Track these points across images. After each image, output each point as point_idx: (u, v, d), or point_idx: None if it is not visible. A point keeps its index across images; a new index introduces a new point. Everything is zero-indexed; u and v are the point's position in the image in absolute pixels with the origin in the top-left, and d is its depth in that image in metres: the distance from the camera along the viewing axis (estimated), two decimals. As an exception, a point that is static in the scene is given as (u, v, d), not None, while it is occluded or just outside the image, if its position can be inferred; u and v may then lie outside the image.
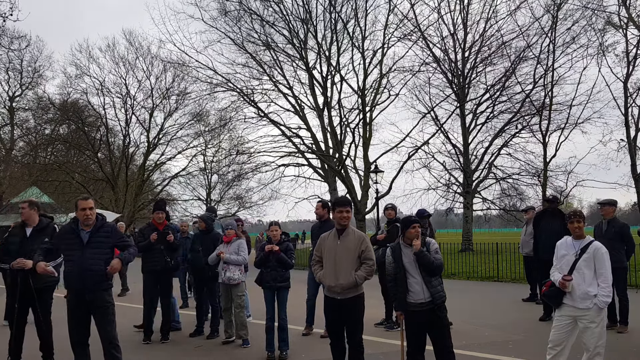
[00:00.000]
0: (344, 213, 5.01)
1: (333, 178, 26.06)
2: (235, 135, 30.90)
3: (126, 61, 33.74)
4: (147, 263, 7.34)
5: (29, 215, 5.74)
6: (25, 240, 5.68)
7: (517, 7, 23.50)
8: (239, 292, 7.00)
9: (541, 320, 8.22)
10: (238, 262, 7.00)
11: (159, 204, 7.79)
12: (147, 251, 7.30)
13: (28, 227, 5.77)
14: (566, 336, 4.61)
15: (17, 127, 35.44)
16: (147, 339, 7.19)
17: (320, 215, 7.49)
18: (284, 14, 25.36)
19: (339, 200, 5.19)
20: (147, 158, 34.87)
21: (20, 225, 5.84)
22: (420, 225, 4.91)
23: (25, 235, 5.72)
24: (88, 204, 4.89)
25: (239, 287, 7.01)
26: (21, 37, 32.85)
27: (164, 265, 7.30)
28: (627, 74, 22.19)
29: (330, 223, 7.43)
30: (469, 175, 25.34)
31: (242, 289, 7.07)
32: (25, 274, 5.46)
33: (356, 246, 4.90)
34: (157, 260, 7.28)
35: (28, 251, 5.50)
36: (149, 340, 7.19)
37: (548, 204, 8.63)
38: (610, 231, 7.39)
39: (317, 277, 5.12)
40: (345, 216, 5.02)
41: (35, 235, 5.69)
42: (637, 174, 22.34)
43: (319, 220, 7.51)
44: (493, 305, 10.03)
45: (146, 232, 7.42)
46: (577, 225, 4.63)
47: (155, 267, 7.28)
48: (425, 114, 25.23)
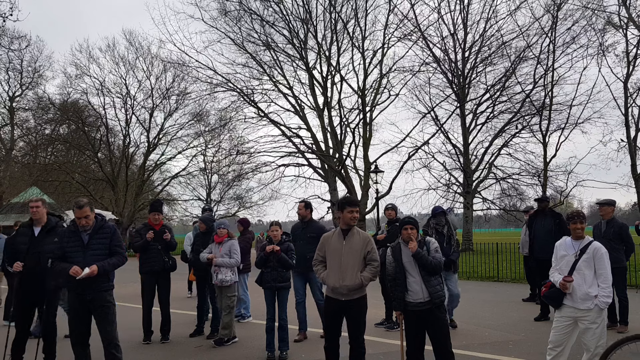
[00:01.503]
0: (354, 213, 5.01)
1: (333, 178, 26.07)
2: (235, 135, 30.93)
3: (126, 61, 33.81)
4: (145, 264, 7.31)
5: (42, 213, 5.66)
6: (34, 239, 5.59)
7: (517, 7, 23.53)
8: (230, 293, 6.98)
9: (536, 320, 8.24)
10: (231, 264, 6.96)
11: (155, 205, 7.75)
12: (144, 251, 7.27)
13: (36, 226, 5.67)
14: (566, 337, 4.61)
15: (17, 127, 35.45)
16: (147, 339, 7.19)
17: (303, 215, 7.29)
18: (284, 14, 25.38)
19: (350, 200, 5.15)
20: (147, 158, 34.87)
21: (28, 225, 5.74)
22: (414, 227, 4.88)
23: (33, 234, 5.63)
24: (83, 213, 4.83)
25: (230, 288, 7.00)
26: (21, 37, 32.94)
27: (162, 265, 7.29)
28: (627, 74, 22.20)
29: (313, 224, 7.31)
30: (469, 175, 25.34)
31: (233, 290, 7.06)
32: (41, 276, 5.38)
33: (362, 247, 4.88)
34: (155, 260, 7.26)
35: (37, 251, 5.43)
36: (149, 341, 7.19)
37: (538, 203, 8.72)
38: (609, 231, 7.41)
39: (320, 278, 5.11)
40: (355, 216, 5.02)
41: (44, 235, 5.61)
42: (637, 174, 22.34)
43: (301, 221, 7.30)
44: (493, 305, 10.03)
45: (142, 232, 7.39)
46: (578, 226, 4.63)
47: (154, 267, 7.26)
48: (425, 114, 25.24)
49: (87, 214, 4.85)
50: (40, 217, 5.66)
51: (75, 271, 4.67)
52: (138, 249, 7.25)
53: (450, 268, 7.40)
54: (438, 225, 7.56)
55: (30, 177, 30.65)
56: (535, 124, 24.49)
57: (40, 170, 32.01)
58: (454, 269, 7.55)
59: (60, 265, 4.86)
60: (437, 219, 7.58)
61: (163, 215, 7.90)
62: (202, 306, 7.85)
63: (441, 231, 7.52)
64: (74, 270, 4.66)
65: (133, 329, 7.89)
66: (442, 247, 7.05)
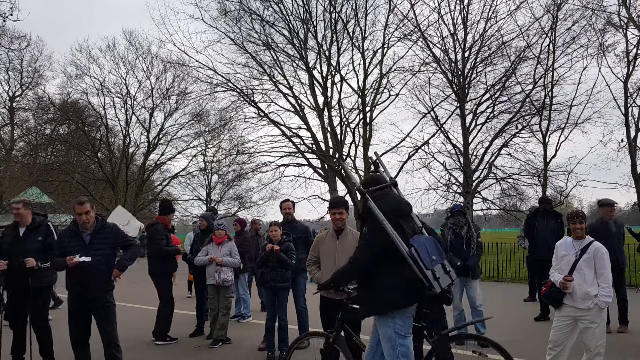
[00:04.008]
0: (337, 215, 5.00)
1: (333, 178, 26.05)
2: (235, 135, 30.86)
3: (126, 61, 33.71)
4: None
5: (23, 214, 5.70)
6: (19, 239, 5.64)
7: (517, 7, 23.47)
8: (227, 293, 7.00)
9: (536, 320, 8.25)
10: (235, 265, 7.00)
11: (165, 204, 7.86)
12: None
13: (21, 226, 5.72)
14: (566, 336, 4.62)
15: (17, 127, 35.41)
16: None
17: (292, 215, 7.13)
18: (284, 14, 25.37)
19: (333, 202, 5.15)
20: (147, 158, 34.86)
21: (13, 226, 5.80)
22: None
23: (18, 234, 5.68)
24: (84, 209, 4.85)
25: (228, 289, 7.01)
26: (21, 37, 32.79)
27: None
28: (627, 74, 22.18)
29: (298, 225, 7.08)
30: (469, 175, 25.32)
31: (231, 290, 7.08)
32: (25, 274, 5.41)
33: (355, 247, 4.91)
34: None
35: (21, 250, 5.47)
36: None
37: (542, 204, 8.66)
38: (620, 232, 7.47)
39: (314, 278, 5.15)
40: (339, 218, 5.01)
41: (28, 235, 5.66)
42: (637, 174, 22.32)
43: (287, 221, 7.08)
44: (493, 305, 10.03)
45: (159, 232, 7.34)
46: (578, 226, 4.64)
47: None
48: (425, 114, 25.21)
49: (87, 209, 4.86)
50: (22, 217, 5.70)
51: (70, 259, 4.70)
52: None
53: (468, 274, 6.69)
54: (456, 226, 6.91)
55: (30, 177, 30.63)
56: (535, 124, 24.47)
57: (40, 170, 31.98)
58: (472, 275, 6.76)
59: (56, 260, 4.90)
60: (455, 218, 6.92)
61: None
62: (201, 306, 7.85)
63: (459, 232, 6.87)
64: (70, 260, 4.69)
65: (133, 329, 7.90)
66: (460, 250, 6.68)
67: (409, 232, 3.70)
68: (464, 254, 6.68)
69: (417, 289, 3.54)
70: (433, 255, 3.56)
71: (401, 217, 3.74)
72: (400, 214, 3.75)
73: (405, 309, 3.63)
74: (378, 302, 3.67)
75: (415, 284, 3.52)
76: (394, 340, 3.62)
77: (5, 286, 5.74)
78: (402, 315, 3.64)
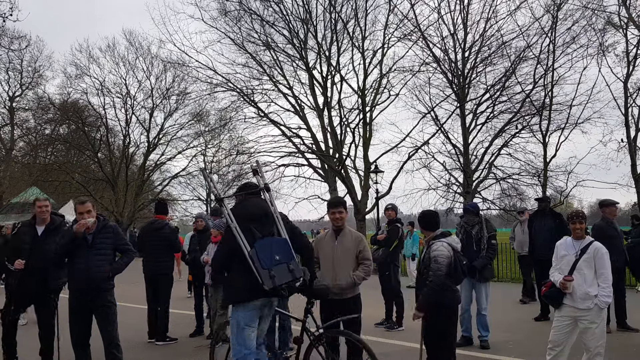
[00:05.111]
0: (336, 214, 5.02)
1: (333, 178, 26.03)
2: (235, 135, 30.88)
3: (126, 61, 33.68)
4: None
5: (49, 214, 5.61)
6: (38, 239, 5.49)
7: (517, 7, 23.46)
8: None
9: (536, 320, 8.25)
10: None
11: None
12: None
13: (39, 225, 5.57)
14: (566, 336, 4.62)
15: (17, 127, 35.38)
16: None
17: None
18: (284, 14, 25.35)
19: (331, 202, 5.23)
20: (147, 158, 34.85)
21: (28, 224, 5.65)
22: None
23: (36, 234, 5.54)
24: (85, 208, 4.85)
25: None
26: (21, 37, 32.75)
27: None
28: (627, 74, 22.17)
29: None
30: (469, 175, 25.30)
31: None
32: (44, 275, 5.35)
33: (354, 247, 4.95)
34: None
35: (41, 251, 5.32)
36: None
37: (539, 203, 8.72)
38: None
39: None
40: (338, 217, 5.03)
41: (48, 235, 5.50)
42: (637, 174, 22.32)
43: None
44: (493, 305, 10.00)
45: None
46: (578, 227, 4.64)
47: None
48: (425, 114, 25.18)
49: (89, 208, 4.87)
50: (47, 216, 5.60)
51: (84, 224, 4.76)
52: None
53: (474, 275, 6.46)
54: (467, 225, 6.72)
55: (30, 177, 30.61)
56: (535, 124, 24.44)
57: (40, 170, 31.99)
58: (478, 277, 6.54)
59: (65, 236, 4.92)
60: (467, 217, 6.73)
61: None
62: (200, 306, 7.86)
63: (470, 231, 6.67)
64: (82, 224, 4.76)
65: (133, 329, 7.90)
66: (470, 250, 6.48)
67: (258, 235, 4.02)
68: (473, 254, 6.48)
69: (260, 286, 3.86)
70: (277, 255, 3.93)
71: (253, 220, 4.09)
72: (252, 218, 4.11)
73: (248, 303, 4.03)
74: (228, 294, 4.33)
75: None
76: (235, 328, 4.10)
77: (12, 284, 5.57)
78: (245, 309, 4.05)
